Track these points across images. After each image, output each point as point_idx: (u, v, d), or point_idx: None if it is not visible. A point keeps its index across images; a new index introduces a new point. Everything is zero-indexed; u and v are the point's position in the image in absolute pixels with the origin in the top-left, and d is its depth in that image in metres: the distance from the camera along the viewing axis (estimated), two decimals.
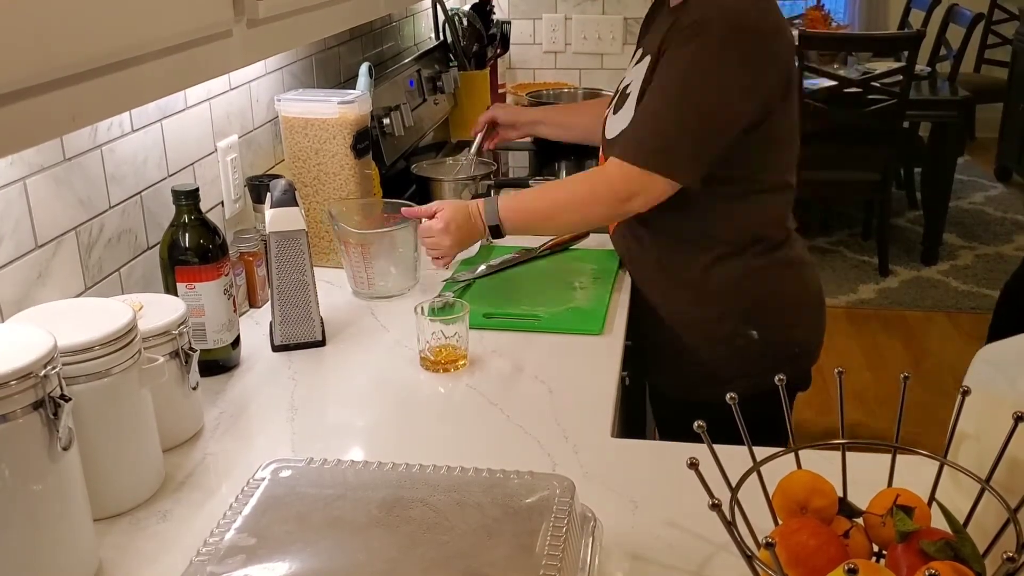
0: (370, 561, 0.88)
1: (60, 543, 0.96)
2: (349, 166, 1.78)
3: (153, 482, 1.16)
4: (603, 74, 3.37)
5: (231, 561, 0.88)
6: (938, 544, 0.84)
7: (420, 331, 1.45)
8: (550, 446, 1.25)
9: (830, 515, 0.94)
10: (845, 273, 4.50)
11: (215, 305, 1.44)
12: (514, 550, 0.89)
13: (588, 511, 1.02)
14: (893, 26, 6.11)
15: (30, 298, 1.25)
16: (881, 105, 4.08)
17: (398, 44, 2.82)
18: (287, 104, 1.79)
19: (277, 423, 1.32)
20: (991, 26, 6.08)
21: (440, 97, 2.70)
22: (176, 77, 0.99)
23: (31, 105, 0.76)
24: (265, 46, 1.20)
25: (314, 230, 1.81)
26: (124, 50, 0.88)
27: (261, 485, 1.00)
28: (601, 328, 1.57)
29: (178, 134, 1.59)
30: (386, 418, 1.34)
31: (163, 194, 1.54)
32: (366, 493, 0.98)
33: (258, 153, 1.89)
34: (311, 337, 1.53)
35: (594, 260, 1.83)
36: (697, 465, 0.90)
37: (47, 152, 1.27)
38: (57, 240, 1.30)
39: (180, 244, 1.44)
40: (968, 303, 4.21)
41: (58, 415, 0.93)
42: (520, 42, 3.39)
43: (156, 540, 1.08)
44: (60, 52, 0.78)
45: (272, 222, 1.48)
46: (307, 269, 1.50)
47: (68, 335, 1.03)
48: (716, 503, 0.84)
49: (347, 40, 2.35)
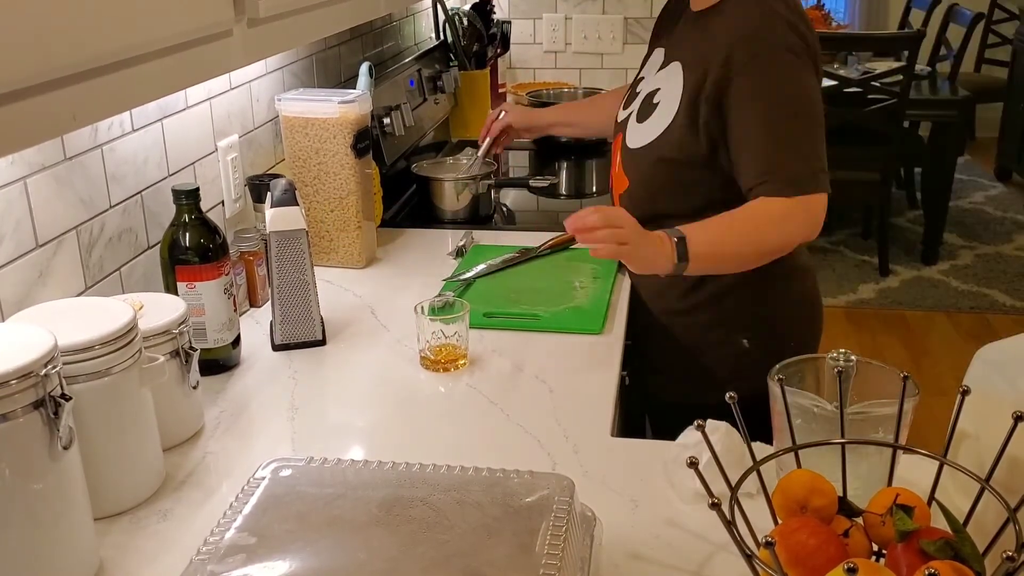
0: (370, 560, 0.88)
1: (60, 542, 0.97)
2: (349, 165, 1.78)
3: (153, 481, 1.16)
4: (603, 73, 3.37)
5: (231, 560, 0.88)
6: (938, 543, 0.84)
7: (420, 330, 1.45)
8: (550, 445, 1.25)
9: (830, 514, 0.94)
10: (845, 273, 4.50)
11: (215, 304, 1.44)
12: (514, 549, 0.89)
13: (588, 510, 1.02)
14: (893, 26, 6.11)
15: (31, 297, 1.25)
16: (881, 105, 4.08)
17: (398, 44, 2.83)
18: (287, 103, 1.79)
19: (277, 422, 1.32)
20: (991, 26, 6.08)
21: (440, 97, 2.70)
22: (177, 76, 0.99)
23: (32, 104, 0.76)
24: (266, 45, 1.20)
25: (314, 229, 1.81)
26: (125, 49, 0.88)
27: (261, 484, 1.00)
28: (601, 328, 1.58)
29: (179, 134, 1.59)
30: (386, 417, 1.34)
31: (163, 193, 1.54)
32: (366, 492, 0.98)
33: (258, 152, 1.89)
34: (311, 336, 1.53)
35: (594, 259, 1.82)
36: (697, 464, 0.90)
37: (48, 151, 1.27)
38: (58, 239, 1.30)
39: (180, 243, 1.44)
40: (968, 303, 4.21)
41: (59, 414, 0.93)
42: (520, 42, 3.39)
43: (156, 539, 1.08)
44: (61, 51, 0.78)
45: (272, 221, 1.48)
46: (307, 268, 1.51)
47: (69, 334, 1.03)
48: (716, 502, 0.84)
49: (347, 40, 2.35)
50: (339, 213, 1.81)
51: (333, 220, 1.82)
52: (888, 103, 4.07)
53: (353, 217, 1.81)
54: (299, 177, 1.80)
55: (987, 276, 4.46)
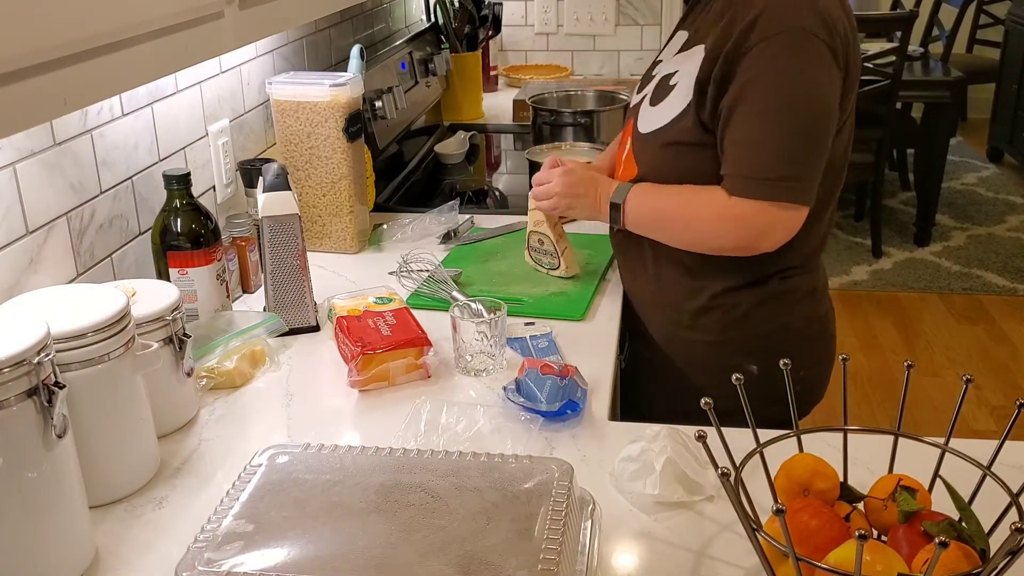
0: (369, 546, 0.88)
1: (56, 531, 0.96)
2: (341, 149, 1.77)
3: (148, 469, 1.15)
4: (595, 56, 3.35)
5: (229, 547, 0.88)
6: (941, 525, 0.84)
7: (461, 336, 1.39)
8: (548, 430, 1.24)
9: (832, 498, 0.94)
10: (838, 255, 4.51)
11: (208, 290, 1.43)
12: (513, 534, 0.89)
13: (587, 494, 1.02)
14: (885, 7, 6.09)
15: (21, 285, 1.23)
16: (874, 86, 4.07)
17: (389, 26, 2.81)
18: (278, 87, 1.77)
19: (272, 409, 1.31)
20: (983, 6, 6.07)
21: (432, 79, 2.69)
22: (168, 59, 0.98)
23: (22, 88, 0.75)
24: (257, 27, 1.18)
25: (307, 214, 1.80)
26: (116, 31, 0.86)
27: (258, 471, 0.99)
28: (583, 314, 1.56)
29: (169, 118, 1.57)
30: (381, 403, 1.33)
31: (154, 179, 1.52)
32: (364, 478, 0.97)
33: (249, 137, 1.87)
34: (305, 322, 1.52)
35: (589, 245, 1.81)
36: (705, 438, 0.89)
37: (37, 137, 1.26)
38: (48, 226, 1.29)
39: (172, 229, 1.42)
40: (961, 284, 4.22)
41: (52, 402, 0.92)
42: (512, 23, 3.36)
43: (152, 527, 1.07)
44: (51, 33, 0.77)
45: (265, 207, 1.47)
46: (300, 254, 1.49)
47: (61, 322, 1.02)
48: (725, 472, 0.83)
49: (338, 22, 2.34)
50: (332, 197, 1.80)
51: (325, 205, 1.80)
52: (881, 84, 4.07)
53: (346, 202, 1.80)
54: (291, 161, 1.79)
55: (980, 257, 4.46)
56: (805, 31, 1.32)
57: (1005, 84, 5.52)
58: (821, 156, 1.38)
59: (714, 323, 1.52)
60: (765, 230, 1.38)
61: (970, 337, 3.78)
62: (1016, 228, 4.77)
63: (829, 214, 1.52)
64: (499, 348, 1.39)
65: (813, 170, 1.37)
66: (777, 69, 1.34)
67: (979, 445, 1.01)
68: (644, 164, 1.51)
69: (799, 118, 1.34)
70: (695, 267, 1.50)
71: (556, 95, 2.53)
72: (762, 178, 1.35)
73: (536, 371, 1.27)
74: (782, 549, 0.81)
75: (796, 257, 1.49)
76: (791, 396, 1.01)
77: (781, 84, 1.34)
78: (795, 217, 1.37)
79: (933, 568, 0.74)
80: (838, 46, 1.35)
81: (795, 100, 1.34)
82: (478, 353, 1.38)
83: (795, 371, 1.01)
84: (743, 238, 1.40)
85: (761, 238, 1.39)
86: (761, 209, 1.36)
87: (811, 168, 1.37)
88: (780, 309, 1.52)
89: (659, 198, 1.47)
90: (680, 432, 1.13)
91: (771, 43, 1.33)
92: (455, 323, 1.37)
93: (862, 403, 3.30)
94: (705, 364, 1.55)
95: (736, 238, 1.40)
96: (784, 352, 1.13)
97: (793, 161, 1.35)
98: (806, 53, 1.33)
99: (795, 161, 1.35)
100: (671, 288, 1.54)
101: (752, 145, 1.36)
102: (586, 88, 2.61)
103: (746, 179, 1.36)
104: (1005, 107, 5.52)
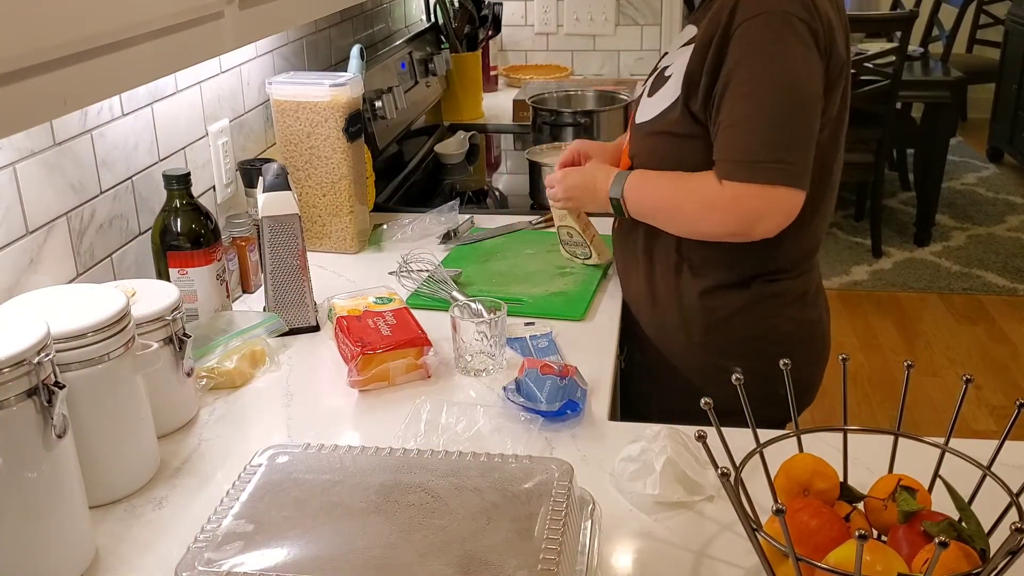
0: (369, 546, 0.88)
1: (55, 531, 0.96)
2: (341, 149, 1.77)
3: (148, 469, 1.15)
4: (595, 56, 3.35)
5: (229, 547, 0.88)
6: (941, 525, 0.83)
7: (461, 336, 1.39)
8: (548, 430, 1.24)
9: (832, 498, 0.94)
10: (838, 255, 4.50)
11: (208, 290, 1.43)
12: (513, 534, 0.89)
13: (587, 494, 1.02)
14: (885, 7, 6.09)
15: (21, 285, 1.23)
16: (874, 86, 4.07)
17: (389, 26, 2.81)
18: (278, 87, 1.77)
19: (272, 409, 1.31)
20: (983, 6, 6.06)
21: (432, 79, 2.69)
22: (168, 59, 0.98)
23: (22, 88, 0.75)
24: (257, 27, 1.18)
25: (307, 214, 1.80)
26: (117, 31, 0.86)
27: (258, 471, 0.99)
28: (583, 314, 1.56)
29: (169, 118, 1.57)
30: (381, 403, 1.33)
31: (154, 179, 1.52)
32: (364, 478, 0.97)
33: (249, 137, 1.87)
34: (305, 322, 1.52)
35: None
36: (705, 438, 0.89)
37: (37, 137, 1.26)
38: (48, 226, 1.29)
39: (172, 229, 1.42)
40: (961, 284, 4.21)
41: (52, 402, 0.92)
42: (512, 23, 3.36)
43: (152, 527, 1.07)
44: (51, 34, 0.77)
45: (265, 207, 1.47)
46: (300, 254, 1.49)
47: (61, 322, 1.02)
48: (725, 472, 0.83)
49: (338, 22, 2.34)
50: (331, 198, 1.80)
51: (325, 205, 1.80)
52: (881, 84, 4.07)
53: (346, 201, 1.80)
54: (291, 161, 1.79)
55: (980, 257, 4.46)
56: (785, 12, 1.32)
57: (1005, 84, 5.51)
58: (809, 138, 1.36)
59: (698, 324, 1.52)
60: (759, 214, 1.36)
61: (970, 337, 3.78)
62: (1016, 228, 4.77)
63: (819, 218, 1.49)
64: (499, 348, 1.39)
65: (802, 151, 1.35)
66: (759, 51, 1.33)
67: (979, 445, 1.01)
68: (637, 152, 1.52)
69: (784, 98, 1.33)
70: (683, 264, 1.50)
71: (556, 95, 2.53)
72: (751, 160, 1.33)
73: (536, 371, 1.27)
74: (782, 549, 0.81)
75: (785, 260, 1.49)
76: (791, 396, 1.01)
77: (765, 65, 1.33)
78: (789, 200, 1.35)
79: (933, 568, 0.74)
80: (819, 29, 1.34)
81: (779, 80, 1.33)
82: (478, 353, 1.38)
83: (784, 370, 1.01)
84: (736, 223, 1.38)
85: (756, 222, 1.37)
86: (752, 192, 1.34)
87: (800, 150, 1.35)
88: (766, 313, 1.51)
89: (654, 187, 1.48)
90: (680, 432, 1.13)
91: (752, 24, 1.33)
92: (455, 323, 1.37)
93: (862, 403, 3.30)
94: (694, 365, 1.55)
95: (728, 223, 1.39)
96: (772, 355, 1.14)
97: (781, 142, 1.33)
98: (787, 34, 1.32)
99: (783, 143, 1.34)
100: (660, 285, 1.54)
101: (739, 128, 1.35)
102: (586, 88, 2.61)
103: (735, 163, 1.35)
104: (1005, 107, 5.52)
